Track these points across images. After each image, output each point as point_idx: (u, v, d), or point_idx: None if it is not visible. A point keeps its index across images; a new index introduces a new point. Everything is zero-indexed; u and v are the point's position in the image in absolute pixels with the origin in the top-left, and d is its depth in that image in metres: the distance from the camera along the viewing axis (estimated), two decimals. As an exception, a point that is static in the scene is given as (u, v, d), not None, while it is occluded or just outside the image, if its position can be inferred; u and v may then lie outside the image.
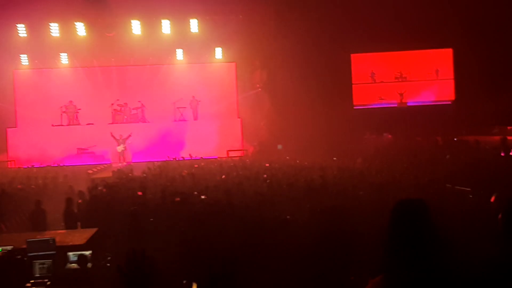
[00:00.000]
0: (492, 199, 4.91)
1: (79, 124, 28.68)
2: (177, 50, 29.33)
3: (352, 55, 28.98)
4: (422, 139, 23.76)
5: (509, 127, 23.88)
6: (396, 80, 29.31)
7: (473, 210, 7.87)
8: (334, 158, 21.64)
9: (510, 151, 15.33)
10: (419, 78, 29.32)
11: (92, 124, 28.43)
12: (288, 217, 8.66)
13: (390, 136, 26.77)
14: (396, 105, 28.85)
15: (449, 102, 28.93)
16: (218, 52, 29.49)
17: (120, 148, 27.41)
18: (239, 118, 29.60)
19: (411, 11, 25.96)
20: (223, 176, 16.29)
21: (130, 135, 27.29)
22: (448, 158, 16.47)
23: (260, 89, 29.83)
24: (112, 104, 28.81)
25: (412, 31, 26.63)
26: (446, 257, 2.82)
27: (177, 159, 24.75)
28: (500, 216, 3.42)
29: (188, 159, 24.82)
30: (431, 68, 29.20)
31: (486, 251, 3.80)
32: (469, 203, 8.95)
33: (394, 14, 26.13)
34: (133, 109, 29.16)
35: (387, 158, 19.14)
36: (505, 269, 3.10)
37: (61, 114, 28.53)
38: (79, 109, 28.66)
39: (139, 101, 29.04)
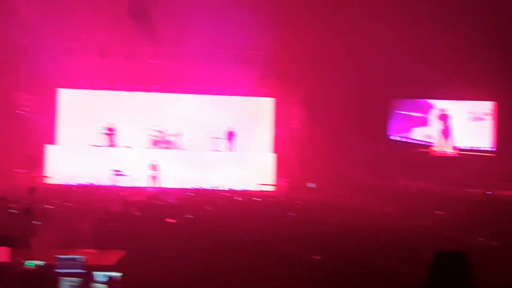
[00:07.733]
0: None
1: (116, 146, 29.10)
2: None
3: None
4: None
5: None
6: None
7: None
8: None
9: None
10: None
11: (130, 147, 28.86)
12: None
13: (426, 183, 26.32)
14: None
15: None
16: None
17: (154, 173, 27.65)
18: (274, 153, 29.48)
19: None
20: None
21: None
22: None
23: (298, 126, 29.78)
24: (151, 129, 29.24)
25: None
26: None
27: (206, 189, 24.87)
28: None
29: (216, 190, 24.88)
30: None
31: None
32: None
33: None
34: (170, 135, 29.52)
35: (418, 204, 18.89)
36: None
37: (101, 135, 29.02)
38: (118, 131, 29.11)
39: (176, 129, 29.42)
